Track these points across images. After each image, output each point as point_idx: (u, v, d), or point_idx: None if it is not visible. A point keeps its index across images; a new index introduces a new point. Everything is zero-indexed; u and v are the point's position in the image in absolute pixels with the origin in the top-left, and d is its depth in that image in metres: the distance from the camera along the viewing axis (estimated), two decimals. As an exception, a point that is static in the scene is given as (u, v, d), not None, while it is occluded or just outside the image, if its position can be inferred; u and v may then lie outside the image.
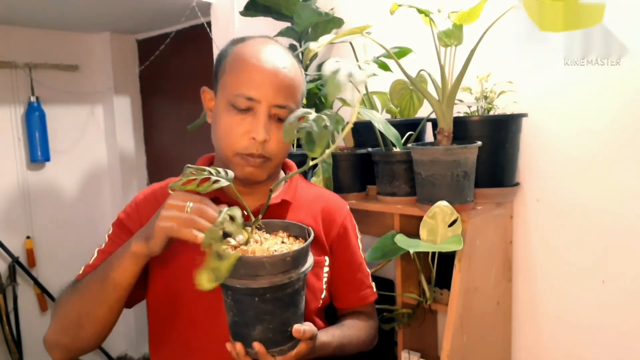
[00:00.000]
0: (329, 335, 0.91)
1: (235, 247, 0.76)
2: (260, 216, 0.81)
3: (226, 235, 0.76)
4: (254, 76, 0.88)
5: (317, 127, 0.69)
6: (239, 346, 0.75)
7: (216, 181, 0.75)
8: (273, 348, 0.76)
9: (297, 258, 0.74)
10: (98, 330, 0.85)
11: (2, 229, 2.45)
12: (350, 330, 1.00)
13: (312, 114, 0.72)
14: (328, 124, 0.70)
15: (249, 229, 0.79)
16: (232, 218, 0.73)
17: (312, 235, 0.80)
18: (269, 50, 0.92)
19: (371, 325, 1.09)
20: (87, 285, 0.85)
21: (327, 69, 0.77)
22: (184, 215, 0.75)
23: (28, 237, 2.54)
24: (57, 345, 0.88)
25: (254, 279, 0.70)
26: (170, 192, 0.77)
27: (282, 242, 0.81)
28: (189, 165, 0.78)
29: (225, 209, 0.74)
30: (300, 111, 0.73)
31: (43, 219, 2.61)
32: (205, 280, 0.68)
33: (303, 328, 0.77)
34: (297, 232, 0.85)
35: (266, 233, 0.84)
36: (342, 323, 1.02)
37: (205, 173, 0.76)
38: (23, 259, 2.50)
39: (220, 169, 0.78)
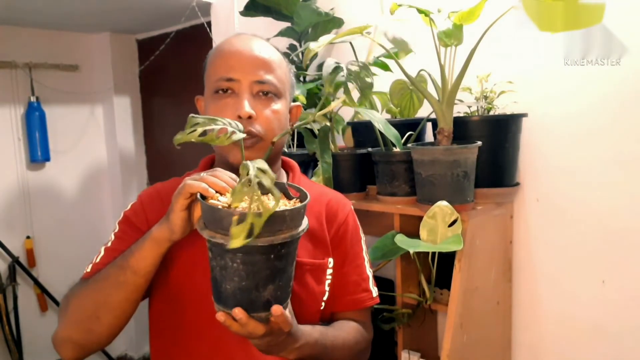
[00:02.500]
0: (309, 327, 0.87)
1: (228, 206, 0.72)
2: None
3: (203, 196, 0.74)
4: (230, 58, 0.91)
5: (357, 79, 0.66)
6: (239, 311, 0.70)
7: (233, 133, 0.73)
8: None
9: (306, 208, 0.74)
10: (113, 321, 0.84)
11: (2, 229, 2.45)
12: (336, 331, 0.94)
13: (341, 65, 0.68)
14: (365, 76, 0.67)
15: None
16: (263, 171, 0.69)
17: (308, 198, 0.76)
18: (243, 36, 0.95)
19: (362, 334, 1.00)
20: (105, 274, 0.84)
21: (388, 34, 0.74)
22: (196, 177, 0.76)
23: (28, 237, 2.54)
24: (69, 341, 0.86)
25: (275, 234, 0.68)
26: (177, 145, 0.75)
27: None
28: (194, 115, 0.74)
29: (250, 162, 0.70)
30: (332, 62, 0.70)
31: (43, 219, 2.61)
32: (238, 234, 0.63)
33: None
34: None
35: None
36: (329, 325, 0.97)
37: (220, 122, 0.73)
38: (23, 259, 2.50)
39: (230, 120, 0.76)
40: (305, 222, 0.75)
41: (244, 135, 0.75)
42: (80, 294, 0.86)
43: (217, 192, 0.75)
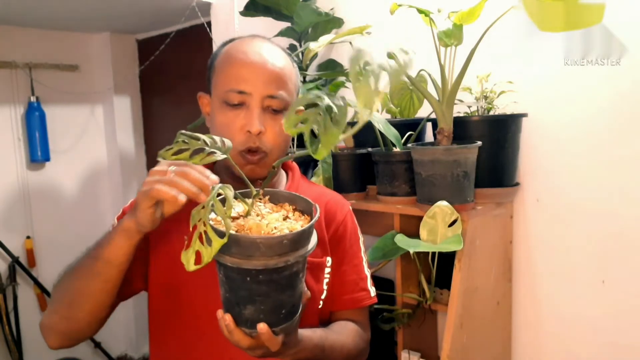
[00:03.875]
0: (310, 331, 0.87)
1: (234, 219, 0.71)
2: (261, 190, 0.77)
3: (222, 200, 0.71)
4: (242, 69, 0.89)
5: (324, 122, 0.59)
6: (228, 318, 0.70)
7: (211, 153, 0.69)
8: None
9: (296, 241, 0.68)
10: (90, 311, 0.83)
11: (2, 229, 2.45)
12: (335, 335, 0.94)
13: (324, 100, 0.61)
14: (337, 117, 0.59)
15: (249, 200, 0.74)
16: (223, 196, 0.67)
17: (317, 215, 0.73)
18: (256, 44, 0.92)
19: (361, 336, 1.00)
20: (80, 263, 0.84)
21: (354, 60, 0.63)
22: (165, 177, 0.72)
23: (28, 237, 2.54)
24: (53, 329, 0.86)
25: (247, 258, 0.65)
26: (159, 159, 0.72)
27: (287, 217, 0.74)
28: (183, 131, 0.72)
29: (217, 186, 0.68)
30: (311, 95, 0.64)
31: (43, 219, 2.61)
32: (186, 261, 0.64)
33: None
34: (303, 207, 0.79)
35: (271, 202, 0.79)
36: (329, 326, 0.97)
37: (199, 142, 0.70)
38: (23, 259, 2.50)
39: (216, 138, 0.72)
40: (306, 248, 0.70)
41: (225, 156, 0.72)
42: (60, 282, 0.86)
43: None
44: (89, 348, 2.70)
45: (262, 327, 0.69)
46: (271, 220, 0.72)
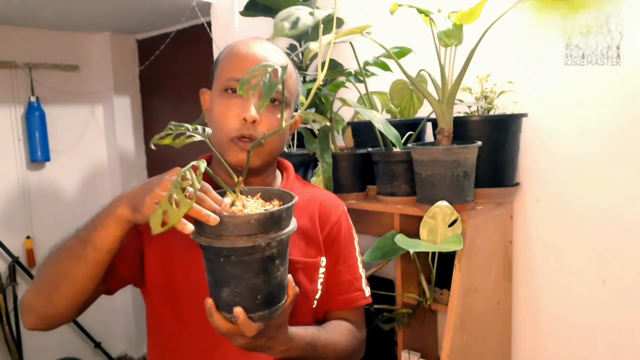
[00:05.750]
0: (302, 329, 0.88)
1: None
2: (241, 178, 0.78)
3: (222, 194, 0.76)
4: (243, 61, 0.92)
5: (268, 80, 0.70)
6: (210, 302, 0.73)
7: (190, 136, 0.75)
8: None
9: (265, 223, 0.70)
10: (72, 294, 0.82)
11: (2, 229, 2.45)
12: (328, 334, 0.95)
13: (272, 66, 0.73)
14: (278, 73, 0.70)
15: (235, 193, 0.77)
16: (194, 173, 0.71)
17: (293, 202, 0.76)
18: (258, 41, 0.97)
19: (354, 335, 1.01)
20: (67, 245, 0.83)
21: (280, 14, 0.80)
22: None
23: (28, 237, 2.54)
24: (31, 308, 0.85)
25: (218, 238, 0.69)
26: (152, 146, 0.74)
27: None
28: (172, 122, 0.78)
29: (192, 162, 0.72)
30: (262, 65, 0.74)
31: (43, 219, 2.61)
32: (154, 223, 0.66)
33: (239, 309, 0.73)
34: (289, 201, 0.81)
35: (262, 199, 0.81)
36: (322, 325, 0.98)
37: (183, 129, 0.76)
38: (23, 259, 2.50)
39: (198, 127, 0.77)
40: (278, 233, 0.72)
41: (203, 139, 0.75)
42: (47, 261, 0.86)
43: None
44: (89, 348, 2.70)
45: (237, 310, 0.71)
46: (252, 208, 0.75)
